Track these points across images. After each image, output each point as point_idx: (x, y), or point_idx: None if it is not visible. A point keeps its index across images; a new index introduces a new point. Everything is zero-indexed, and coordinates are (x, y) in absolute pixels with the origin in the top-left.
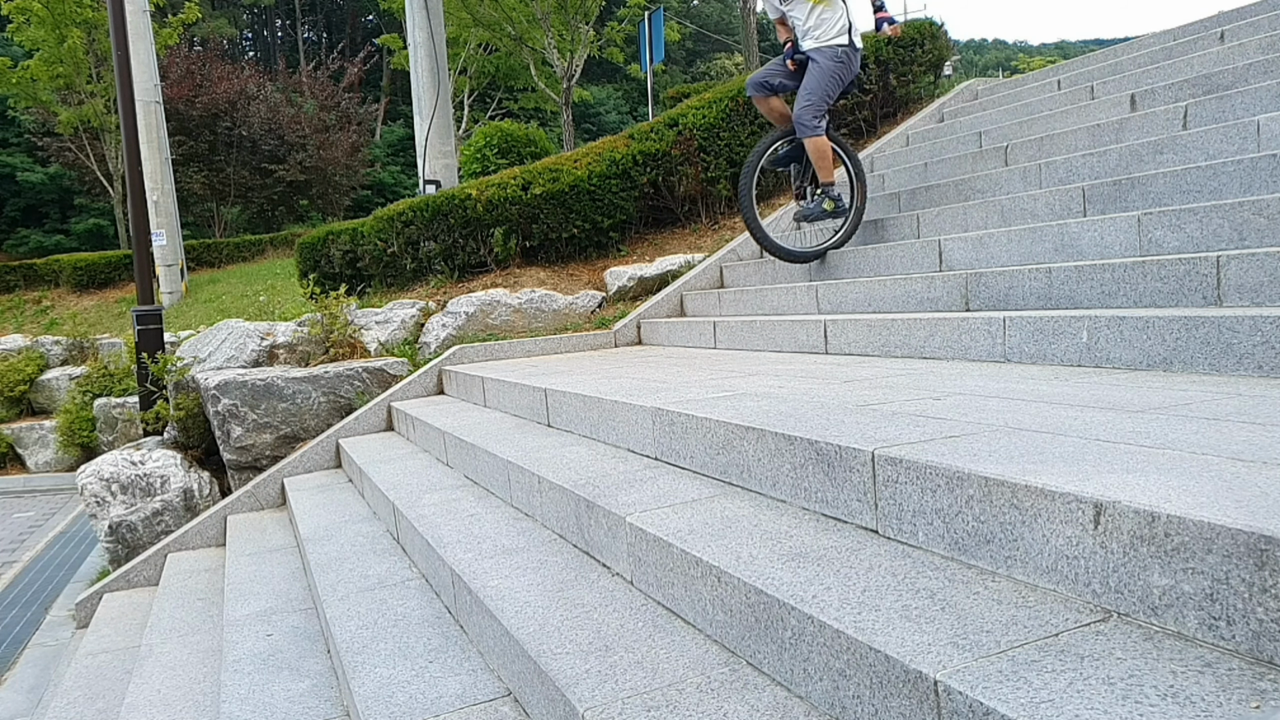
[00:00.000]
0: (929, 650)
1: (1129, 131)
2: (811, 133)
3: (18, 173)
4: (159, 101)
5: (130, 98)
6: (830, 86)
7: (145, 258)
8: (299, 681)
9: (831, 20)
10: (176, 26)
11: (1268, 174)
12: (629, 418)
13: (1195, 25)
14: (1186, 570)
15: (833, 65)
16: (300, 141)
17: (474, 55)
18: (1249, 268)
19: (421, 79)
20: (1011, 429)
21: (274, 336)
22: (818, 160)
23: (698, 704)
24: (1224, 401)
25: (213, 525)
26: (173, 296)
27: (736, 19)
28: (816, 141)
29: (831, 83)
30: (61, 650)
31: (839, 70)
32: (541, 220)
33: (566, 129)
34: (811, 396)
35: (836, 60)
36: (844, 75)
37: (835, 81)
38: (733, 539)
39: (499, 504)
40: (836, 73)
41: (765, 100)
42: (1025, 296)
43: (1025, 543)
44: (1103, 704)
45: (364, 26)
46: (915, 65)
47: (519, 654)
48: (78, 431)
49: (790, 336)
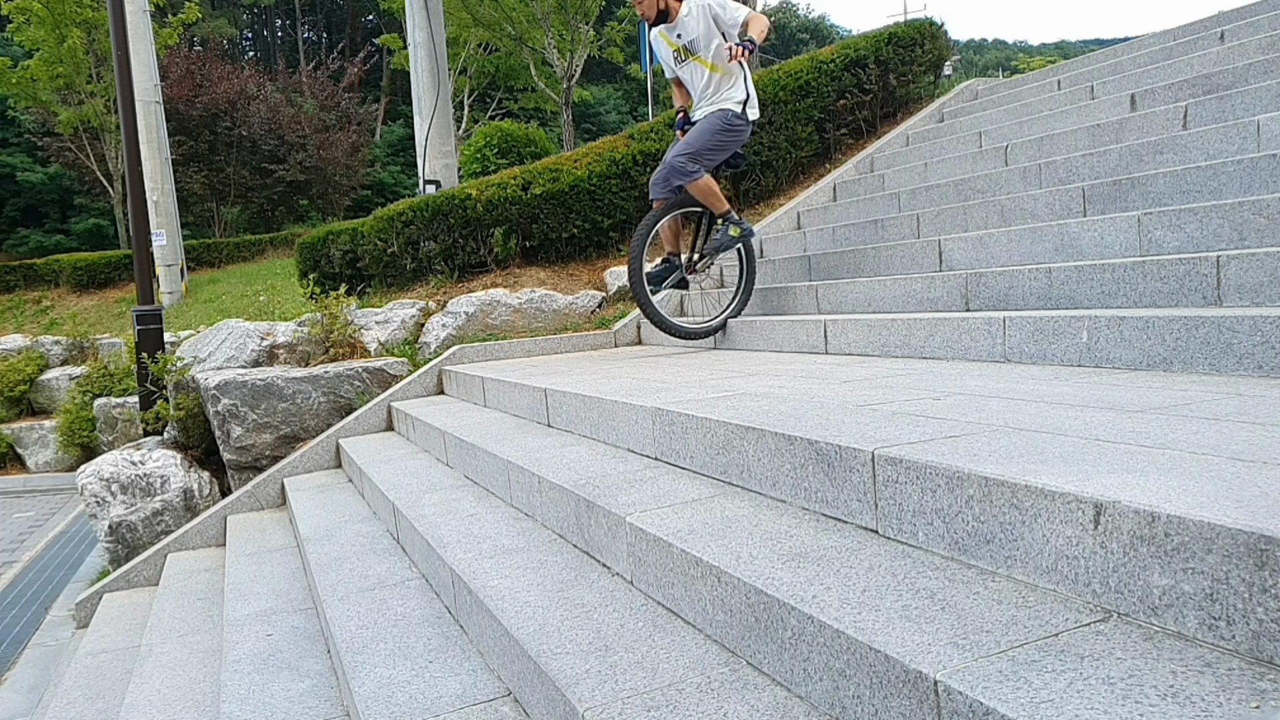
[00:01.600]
0: (929, 650)
1: (1129, 131)
2: (690, 177)
3: (18, 173)
4: (159, 101)
5: (130, 98)
6: (712, 144)
7: (145, 258)
8: (299, 681)
9: (723, 91)
10: (176, 26)
11: (1268, 174)
12: (629, 418)
13: (1195, 25)
14: (1186, 570)
15: (720, 124)
16: (300, 141)
17: (474, 55)
18: (1249, 268)
19: (421, 79)
20: (1011, 429)
21: (274, 336)
22: (706, 198)
23: (698, 704)
24: (1224, 401)
25: (213, 525)
26: (173, 296)
27: None
28: (698, 184)
29: (714, 141)
30: (61, 650)
31: (725, 135)
32: (541, 220)
33: (566, 129)
34: (811, 396)
35: (725, 122)
36: (728, 141)
37: (718, 143)
38: (733, 539)
39: (499, 504)
40: (721, 135)
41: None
42: (1025, 296)
43: (1025, 543)
44: (1103, 704)
45: (364, 26)
46: (915, 65)
47: (519, 654)
48: (78, 431)
49: (790, 336)
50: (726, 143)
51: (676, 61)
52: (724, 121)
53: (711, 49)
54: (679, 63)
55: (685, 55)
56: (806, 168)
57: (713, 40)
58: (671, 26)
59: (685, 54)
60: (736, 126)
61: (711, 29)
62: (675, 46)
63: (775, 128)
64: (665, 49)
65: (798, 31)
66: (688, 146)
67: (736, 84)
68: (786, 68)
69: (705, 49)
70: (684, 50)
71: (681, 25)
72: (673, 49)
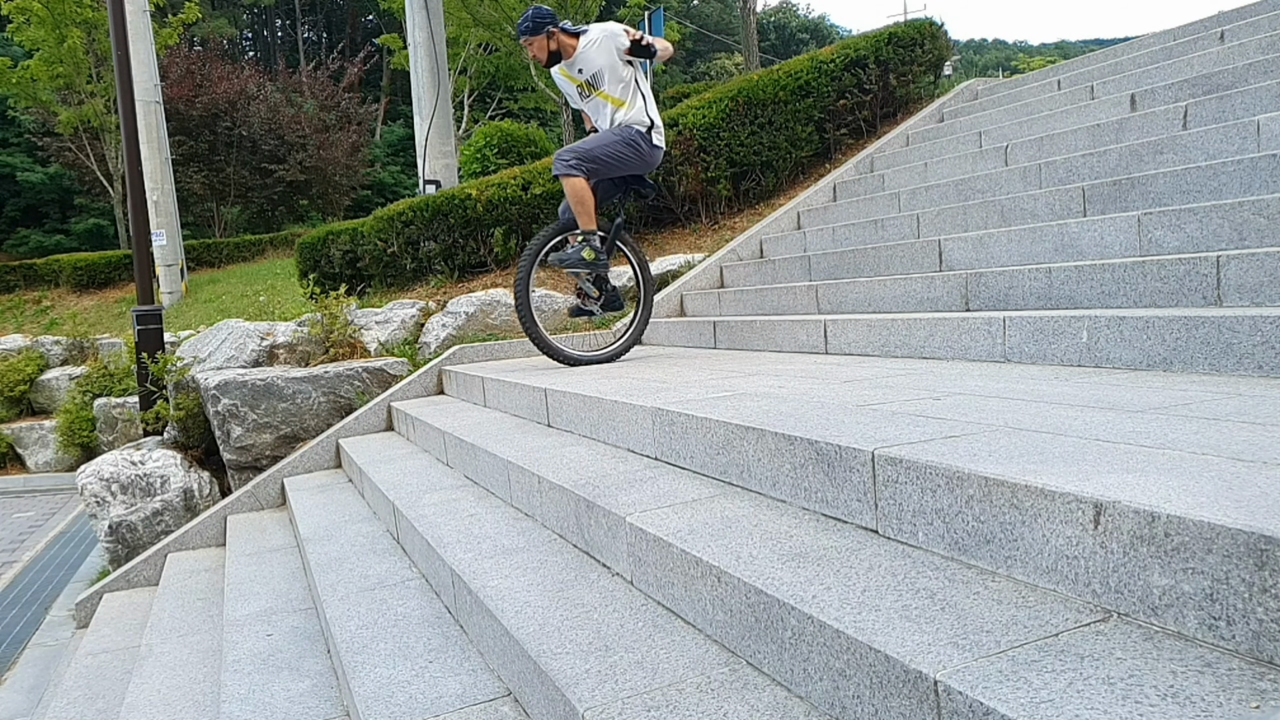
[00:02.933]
0: (929, 650)
1: (1129, 131)
2: (565, 170)
3: (18, 173)
4: (159, 101)
5: (130, 98)
6: (608, 152)
7: (145, 258)
8: (299, 681)
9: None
10: (176, 26)
11: (1268, 174)
12: (629, 418)
13: (1195, 25)
14: (1186, 570)
15: (622, 136)
16: (300, 141)
17: (474, 55)
18: (1249, 268)
19: (421, 79)
20: (1011, 429)
21: (274, 336)
22: (576, 204)
23: (698, 704)
24: (1224, 401)
25: (213, 525)
26: (173, 296)
27: (736, 19)
28: (571, 182)
29: (612, 150)
30: (61, 650)
31: (625, 148)
32: (541, 220)
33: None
34: (811, 396)
35: (627, 136)
36: (628, 155)
37: (616, 154)
38: (733, 539)
39: (499, 504)
40: (622, 147)
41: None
42: (1025, 296)
43: (1025, 543)
44: (1103, 704)
45: (364, 26)
46: (915, 65)
47: (519, 654)
48: (78, 431)
49: (790, 336)
50: (626, 156)
51: (581, 96)
52: (627, 134)
53: (613, 80)
54: (584, 98)
55: (589, 90)
56: (806, 168)
57: (617, 72)
58: (571, 63)
59: (589, 89)
60: (639, 146)
61: (615, 61)
62: (578, 82)
63: (775, 128)
64: (569, 85)
65: (798, 31)
66: (581, 145)
67: (638, 110)
68: (786, 68)
69: (610, 83)
70: (587, 85)
71: (582, 60)
72: (576, 85)
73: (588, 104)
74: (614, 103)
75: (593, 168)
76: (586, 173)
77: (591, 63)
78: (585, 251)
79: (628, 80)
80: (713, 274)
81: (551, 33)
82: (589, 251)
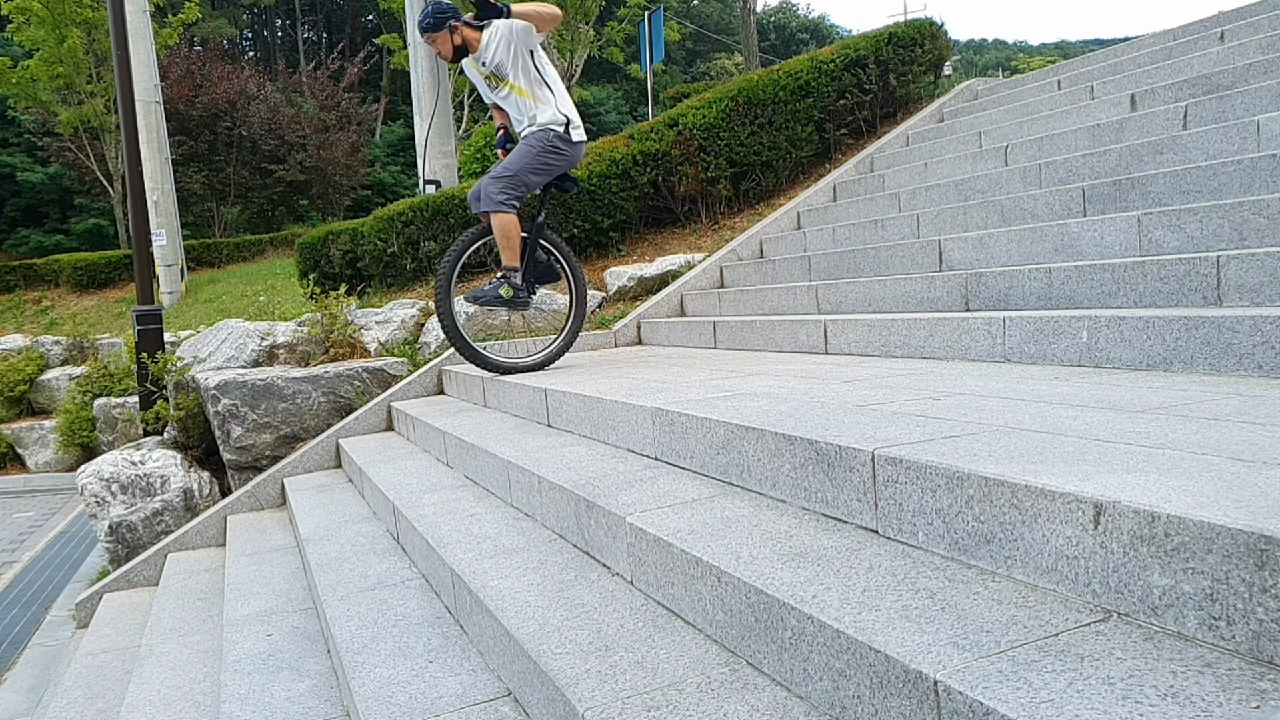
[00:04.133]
0: (929, 650)
1: (1129, 131)
2: (495, 207)
3: (18, 173)
4: (159, 101)
5: (130, 98)
6: (532, 166)
7: (145, 258)
8: (299, 681)
9: (537, 114)
10: (176, 26)
11: (1268, 174)
12: (629, 418)
13: (1195, 25)
14: (1186, 570)
15: (542, 144)
16: (300, 141)
17: None
18: (1249, 268)
19: (421, 79)
20: (1011, 429)
21: (274, 336)
22: (502, 240)
23: (698, 704)
24: (1224, 401)
25: (213, 525)
26: (173, 296)
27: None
28: (501, 218)
29: (535, 163)
30: (61, 650)
31: (549, 155)
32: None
33: None
34: (811, 396)
35: (546, 143)
36: (553, 162)
37: (542, 164)
38: (733, 539)
39: (499, 504)
40: (545, 156)
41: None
42: (1025, 296)
43: (1025, 543)
44: (1103, 704)
45: (364, 26)
46: (915, 65)
47: (519, 654)
48: (78, 431)
49: (790, 336)
50: (551, 164)
51: (491, 89)
52: (546, 142)
53: (519, 71)
54: (494, 90)
55: (497, 82)
56: (806, 168)
57: (519, 61)
58: (477, 56)
59: (496, 81)
60: (560, 149)
61: (517, 49)
62: (485, 75)
63: (775, 128)
64: (478, 79)
65: (798, 31)
66: (506, 169)
67: (549, 105)
68: (786, 68)
69: (515, 73)
70: (494, 77)
71: (485, 52)
72: (484, 77)
73: (499, 97)
74: (520, 93)
75: (524, 193)
76: (519, 203)
77: (494, 53)
78: (503, 289)
79: (531, 69)
80: (713, 274)
81: (454, 27)
82: (507, 289)
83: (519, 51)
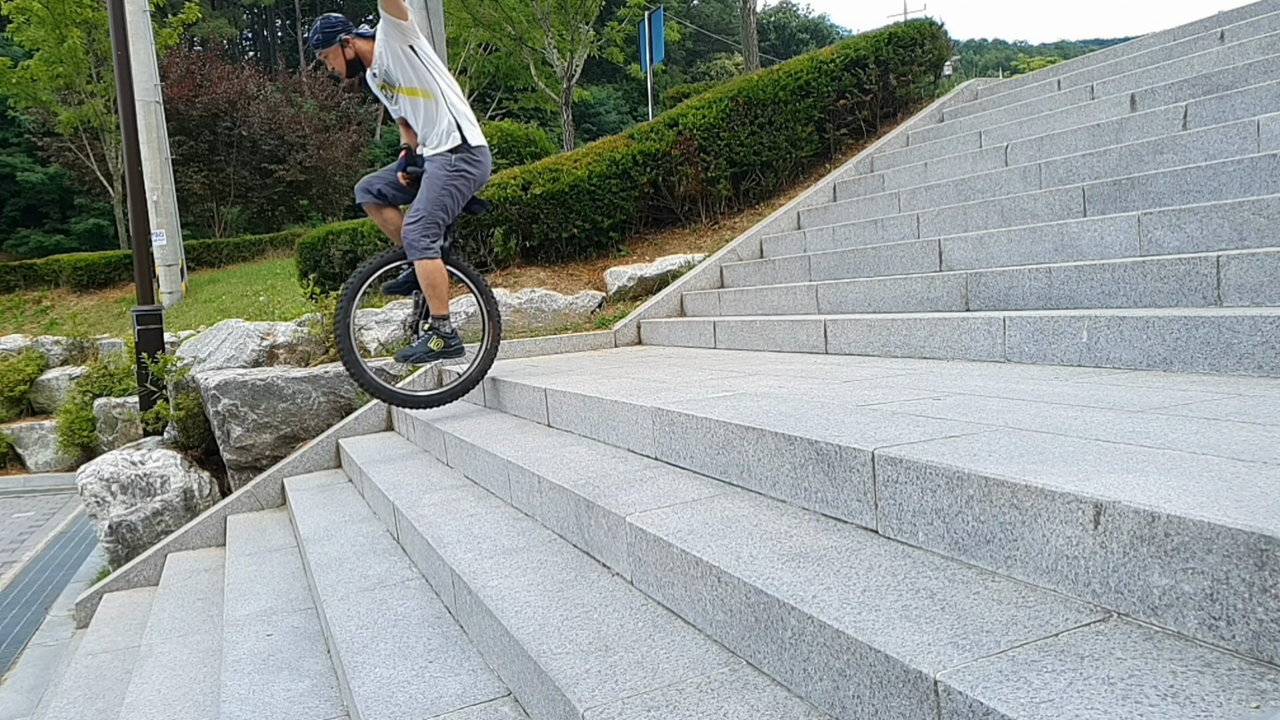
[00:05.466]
0: (929, 650)
1: (1129, 131)
2: (421, 254)
3: (18, 173)
4: (159, 101)
5: (130, 98)
6: (444, 199)
7: (145, 258)
8: (299, 681)
9: (436, 119)
10: (176, 26)
11: (1268, 174)
12: (629, 418)
13: (1195, 25)
14: (1186, 570)
15: (444, 175)
16: (300, 141)
17: (474, 55)
18: (1249, 268)
19: None
20: (1011, 429)
21: (274, 336)
22: (428, 288)
23: (698, 704)
24: (1224, 401)
25: (213, 525)
26: (173, 296)
27: (736, 19)
28: (426, 265)
29: (445, 195)
30: (61, 650)
31: (453, 181)
32: (541, 220)
33: (566, 129)
34: (811, 396)
35: (449, 169)
36: (463, 186)
37: (451, 194)
38: (733, 539)
39: (499, 504)
40: (450, 183)
41: (379, 212)
42: (1025, 296)
43: (1025, 543)
44: (1103, 704)
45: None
46: (915, 65)
47: (519, 654)
48: (78, 431)
49: (790, 336)
50: (464, 189)
51: (390, 100)
52: (448, 168)
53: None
54: (391, 100)
55: (391, 90)
56: (806, 168)
57: (402, 63)
58: (371, 68)
59: (390, 89)
60: (464, 169)
61: (396, 49)
62: (381, 85)
63: (775, 128)
64: (378, 90)
65: (798, 31)
66: (417, 211)
67: (441, 103)
68: (786, 68)
69: (400, 75)
70: (388, 86)
71: (377, 62)
72: (381, 88)
73: (398, 109)
74: (410, 94)
75: (443, 229)
76: (445, 239)
77: (382, 61)
78: (433, 342)
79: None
80: (713, 274)
81: (345, 40)
82: (437, 341)
83: (397, 50)
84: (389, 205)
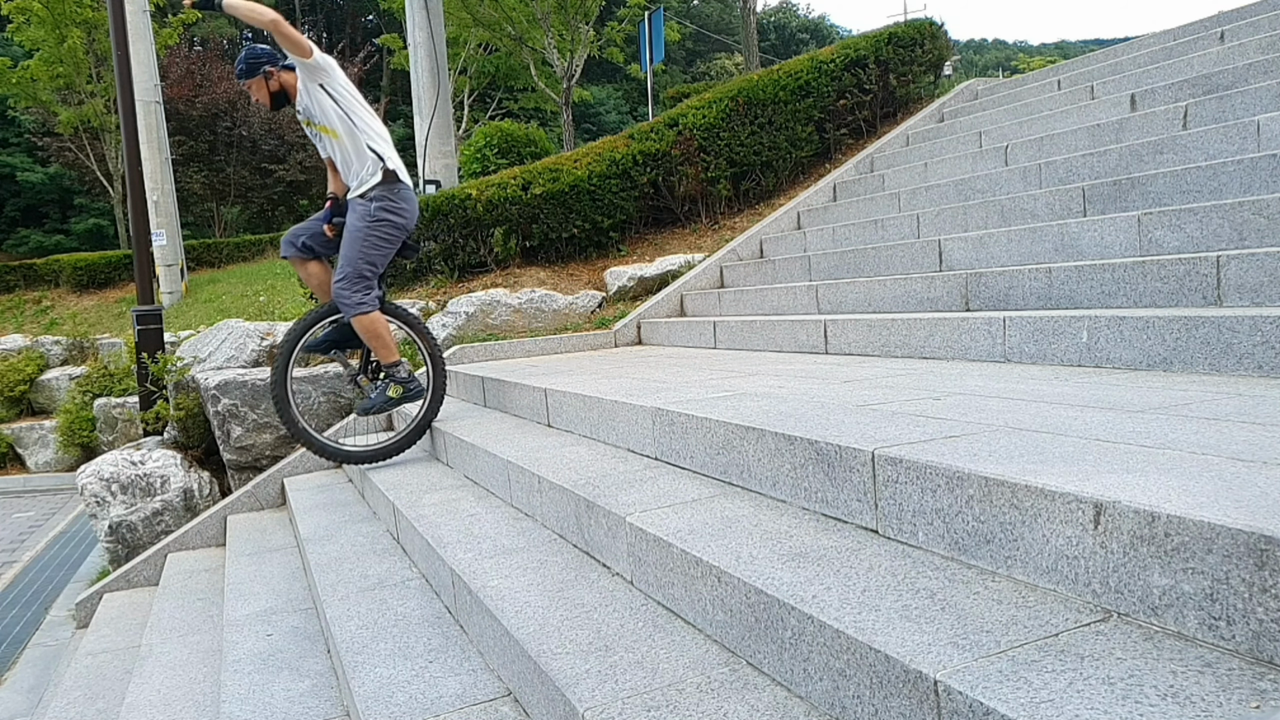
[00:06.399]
0: (929, 650)
1: (1129, 131)
2: (354, 310)
3: (18, 173)
4: (159, 101)
5: (130, 98)
6: (368, 249)
7: (145, 258)
8: (299, 681)
9: (355, 157)
10: (176, 26)
11: (1268, 174)
12: (629, 418)
13: (1195, 25)
14: (1186, 570)
15: (364, 225)
16: (300, 141)
17: (474, 55)
18: (1249, 268)
19: (421, 79)
20: (1011, 429)
21: (274, 336)
22: (372, 341)
23: (698, 704)
24: (1224, 401)
25: (213, 525)
26: (173, 296)
27: (736, 19)
28: (364, 321)
29: (368, 245)
30: (61, 650)
31: (375, 229)
32: (541, 220)
33: (566, 129)
34: (811, 396)
35: (369, 219)
36: (388, 233)
37: (375, 243)
38: (733, 539)
39: (499, 504)
40: (372, 232)
41: (303, 266)
42: (1025, 296)
43: (1025, 543)
44: (1103, 704)
45: (364, 26)
46: (915, 65)
47: (519, 654)
48: (78, 431)
49: (790, 336)
50: (388, 234)
51: (314, 137)
52: (369, 216)
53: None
54: (315, 139)
55: (314, 126)
56: (806, 168)
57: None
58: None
59: (312, 125)
60: (388, 216)
61: (306, 85)
62: (306, 122)
63: (775, 128)
64: (305, 128)
65: (798, 31)
66: (343, 269)
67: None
68: (786, 68)
69: (319, 112)
70: (310, 122)
71: (299, 98)
72: (306, 125)
73: (323, 145)
74: (329, 134)
75: (374, 280)
76: (378, 289)
77: (303, 98)
78: (391, 390)
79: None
80: (713, 274)
81: (269, 73)
82: (395, 389)
83: (311, 87)
84: (314, 259)
